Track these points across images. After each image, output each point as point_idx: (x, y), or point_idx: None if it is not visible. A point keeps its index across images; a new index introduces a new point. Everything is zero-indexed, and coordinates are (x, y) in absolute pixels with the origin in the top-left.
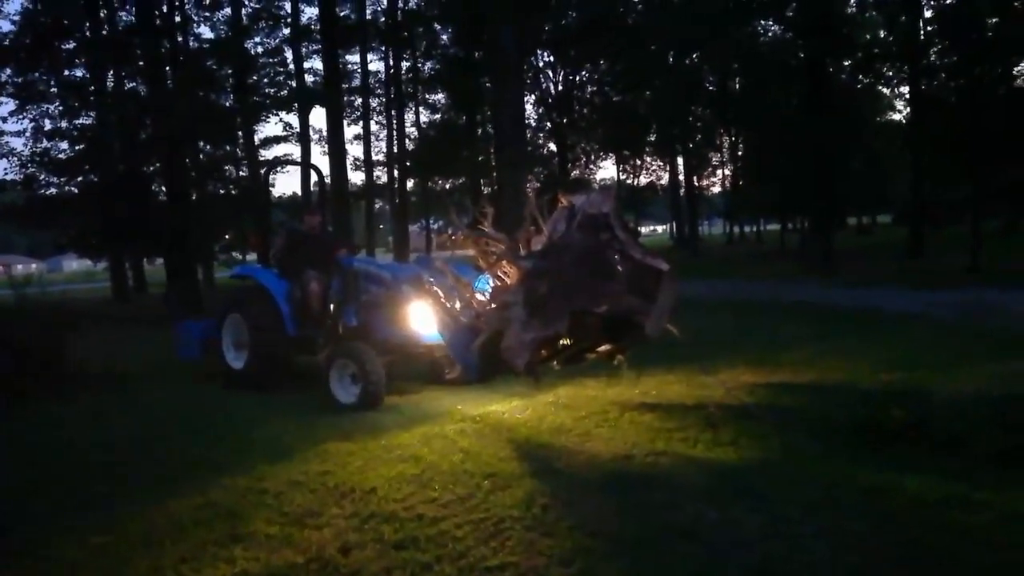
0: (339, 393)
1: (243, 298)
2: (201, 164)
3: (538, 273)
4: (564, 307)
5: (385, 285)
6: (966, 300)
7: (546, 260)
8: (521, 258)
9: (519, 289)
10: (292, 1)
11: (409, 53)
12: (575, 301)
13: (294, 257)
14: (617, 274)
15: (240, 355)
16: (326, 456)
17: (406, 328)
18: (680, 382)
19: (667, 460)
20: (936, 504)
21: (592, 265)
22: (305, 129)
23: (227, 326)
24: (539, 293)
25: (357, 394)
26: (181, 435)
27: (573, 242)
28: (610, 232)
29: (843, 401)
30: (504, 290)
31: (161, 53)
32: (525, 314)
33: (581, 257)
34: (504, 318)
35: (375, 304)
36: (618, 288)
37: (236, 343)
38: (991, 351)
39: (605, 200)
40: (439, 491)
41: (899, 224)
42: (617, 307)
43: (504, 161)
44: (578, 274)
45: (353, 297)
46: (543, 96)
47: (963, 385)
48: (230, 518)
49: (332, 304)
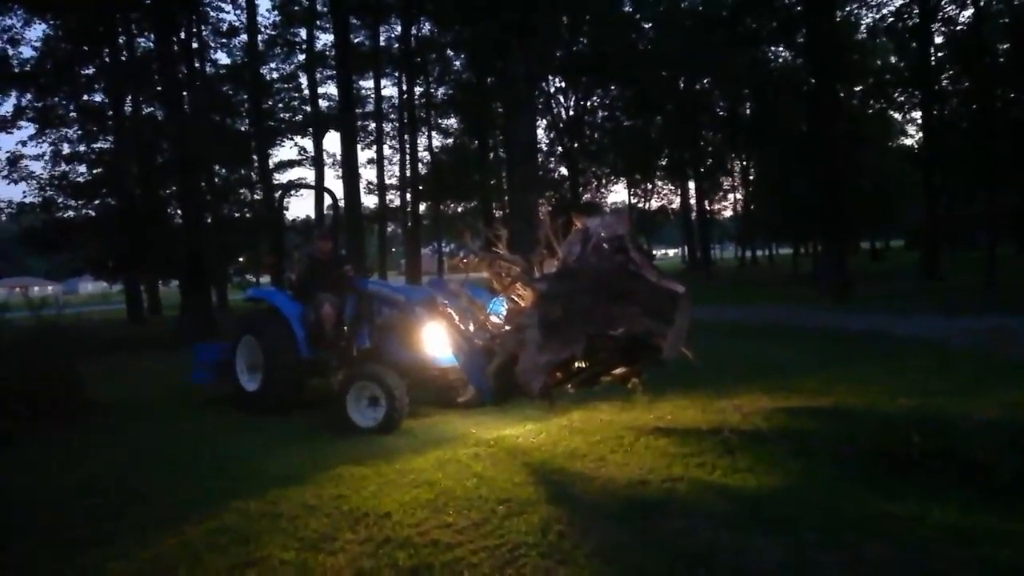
0: (356, 416)
1: (257, 321)
2: (216, 188)
3: (553, 295)
4: (580, 330)
5: (399, 307)
6: (987, 327)
7: (561, 283)
8: (536, 280)
9: (534, 312)
10: (307, 28)
11: (422, 79)
12: (591, 324)
13: (308, 281)
14: (633, 297)
15: (254, 378)
16: (339, 480)
17: (420, 351)
18: (695, 407)
19: (684, 486)
20: (962, 535)
21: (607, 288)
22: (319, 153)
23: (241, 348)
24: (554, 316)
25: (377, 417)
26: (193, 461)
27: (589, 265)
28: (625, 255)
29: (863, 427)
30: (519, 312)
31: (178, 78)
32: (540, 337)
33: (596, 280)
34: (519, 340)
35: (389, 326)
36: (634, 310)
37: (250, 366)
38: (1012, 379)
39: (620, 223)
40: (453, 516)
41: (912, 248)
42: (633, 329)
43: (516, 185)
44: (594, 297)
45: (367, 319)
46: (554, 120)
47: (985, 412)
48: (244, 543)
49: (346, 326)
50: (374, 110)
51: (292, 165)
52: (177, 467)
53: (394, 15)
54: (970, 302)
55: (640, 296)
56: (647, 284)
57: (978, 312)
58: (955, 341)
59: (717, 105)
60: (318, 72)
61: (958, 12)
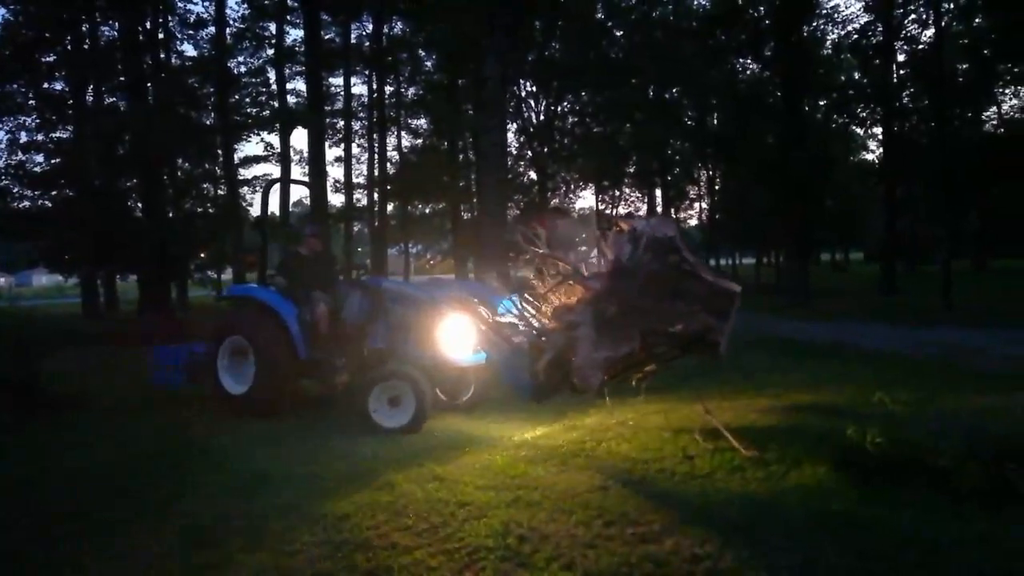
0: (379, 418)
1: (245, 320)
2: (179, 181)
3: (608, 294)
4: (635, 327)
5: (420, 306)
6: (943, 339)
7: (615, 281)
8: (589, 279)
9: (586, 309)
10: (277, 23)
11: (393, 78)
12: (646, 321)
13: (298, 279)
14: (688, 295)
15: (239, 379)
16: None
17: (439, 349)
18: (658, 412)
19: (644, 491)
20: (921, 541)
21: (662, 286)
22: (286, 150)
23: (225, 349)
24: (609, 313)
25: (402, 418)
26: (168, 459)
27: (642, 264)
28: (679, 255)
29: (826, 434)
30: (568, 310)
31: (143, 69)
32: (594, 334)
33: (650, 278)
34: (571, 338)
35: (404, 326)
36: (692, 308)
37: (234, 367)
38: (971, 388)
39: (667, 225)
40: (413, 520)
41: (871, 261)
42: (693, 326)
43: (485, 188)
44: (648, 295)
45: (380, 319)
46: (525, 125)
47: (946, 422)
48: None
49: (357, 326)
50: (343, 108)
51: (258, 161)
52: (145, 467)
53: (365, 13)
54: (927, 316)
55: (697, 295)
56: (704, 283)
57: (936, 323)
58: (914, 352)
59: (686, 115)
60: (287, 68)
61: (920, 32)
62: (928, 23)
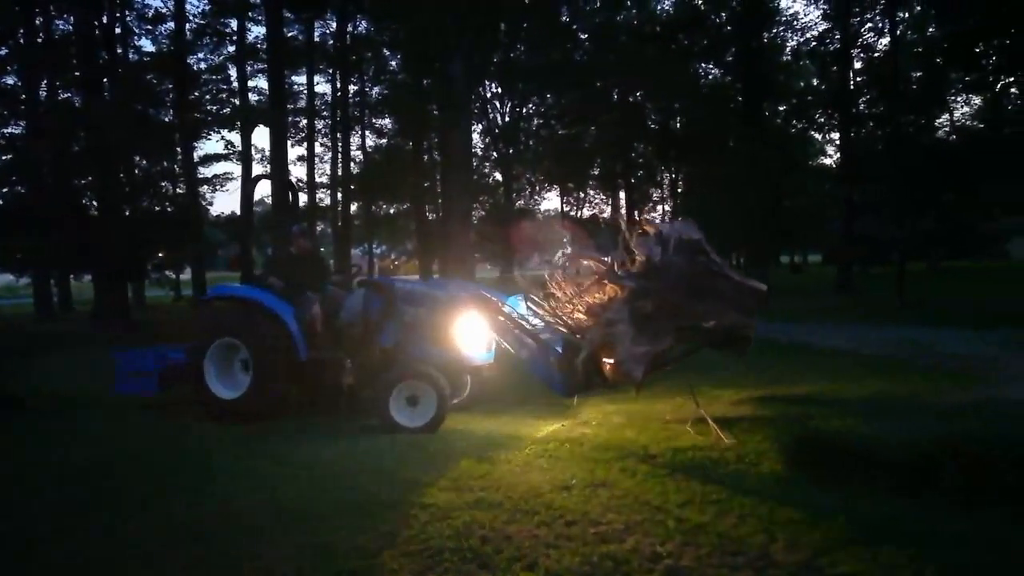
0: (399, 417)
1: (239, 321)
2: (136, 180)
3: (643, 292)
4: (670, 323)
5: (430, 305)
6: (898, 337)
7: (648, 280)
8: (624, 278)
9: (622, 307)
10: (238, 19)
11: (357, 77)
12: (679, 317)
13: (293, 279)
14: (717, 293)
15: (230, 384)
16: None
17: (451, 348)
18: (619, 413)
19: (605, 492)
20: (871, 538)
21: (691, 285)
22: (247, 148)
23: (213, 352)
24: (644, 311)
25: (422, 417)
26: (146, 459)
27: (672, 264)
28: (707, 256)
29: (782, 432)
30: (604, 308)
31: (99, 64)
32: (633, 330)
33: (680, 278)
34: (608, 335)
35: (415, 325)
36: (721, 306)
37: (222, 371)
38: (922, 385)
39: (691, 229)
40: (376, 521)
41: (829, 263)
42: (724, 322)
43: (451, 189)
44: (679, 293)
45: (391, 318)
46: (490, 126)
47: (894, 419)
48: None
49: (367, 326)
50: (306, 106)
51: (218, 159)
52: (121, 467)
53: (329, 11)
54: (882, 316)
55: (725, 293)
56: (731, 282)
57: (891, 323)
58: (867, 350)
59: (650, 118)
60: (249, 65)
61: (876, 40)
62: (883, 32)
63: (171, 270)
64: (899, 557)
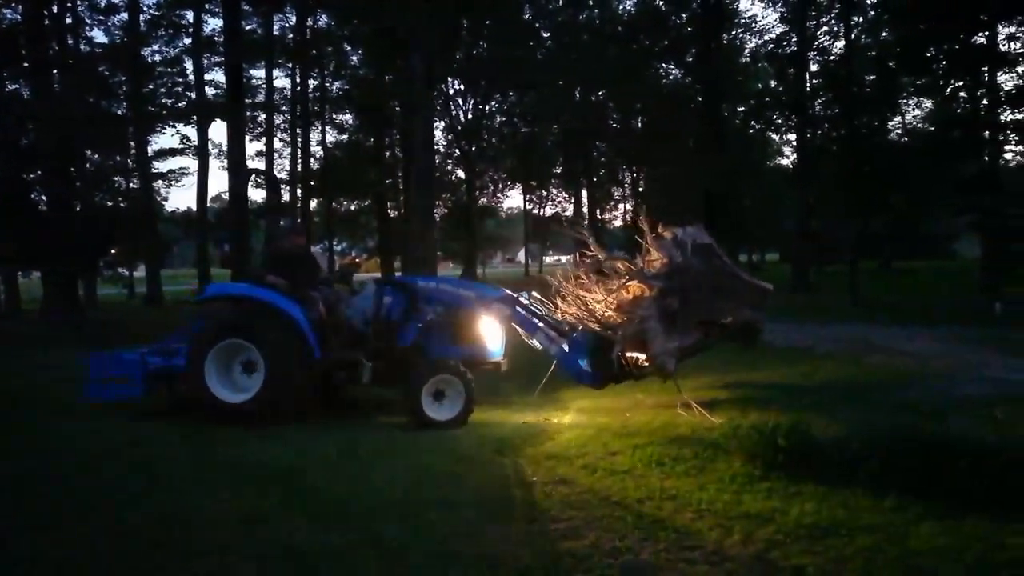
0: (432, 412)
1: (247, 321)
2: (88, 174)
3: (670, 291)
4: (693, 319)
5: (455, 305)
6: (851, 335)
7: (672, 280)
8: (652, 278)
9: (651, 305)
10: (195, 11)
11: (317, 72)
12: (703, 313)
13: (296, 277)
14: (730, 291)
15: (232, 386)
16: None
17: (473, 346)
18: (581, 411)
19: (566, 488)
20: (819, 530)
21: (711, 284)
22: (204, 142)
23: (215, 355)
24: (672, 308)
25: (453, 411)
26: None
27: (692, 266)
28: (720, 259)
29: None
30: (635, 306)
31: (49, 55)
32: (663, 326)
33: (700, 278)
34: (641, 331)
35: (438, 324)
36: (736, 303)
37: (222, 373)
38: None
39: (702, 234)
40: (337, 518)
41: (785, 261)
42: (740, 317)
43: (413, 185)
44: (701, 291)
45: (415, 317)
46: (452, 123)
47: (846, 415)
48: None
49: (388, 324)
50: (265, 101)
51: (173, 153)
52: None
53: (288, 5)
54: (836, 313)
55: (739, 291)
56: (742, 282)
57: (844, 320)
58: (821, 347)
59: (611, 117)
60: (205, 58)
61: (832, 43)
62: (839, 35)
63: (124, 267)
64: (848, 549)
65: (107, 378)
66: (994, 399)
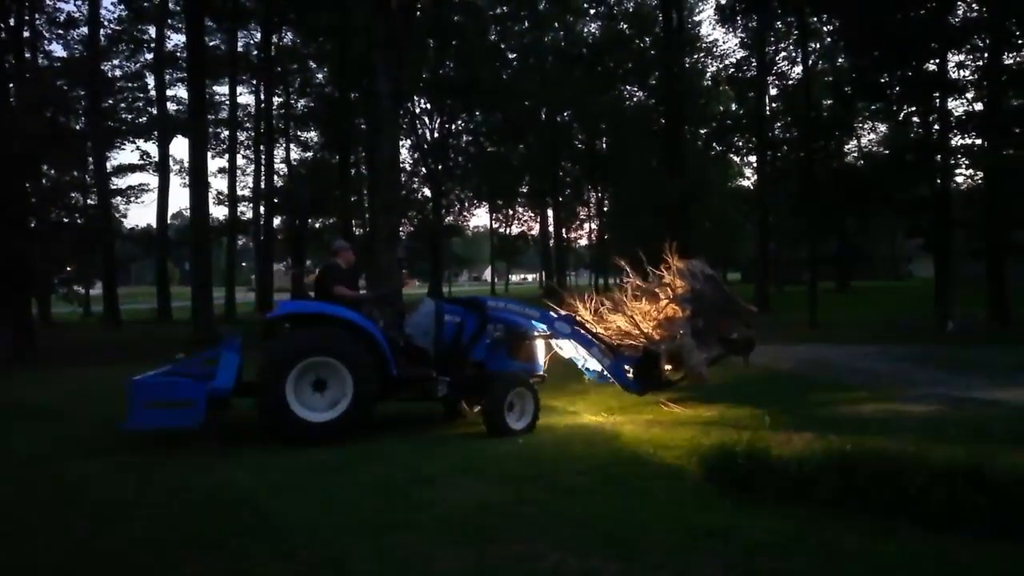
0: (510, 422)
1: (330, 340)
2: (44, 190)
3: (696, 312)
4: (713, 335)
5: (518, 324)
6: (810, 356)
7: (695, 304)
8: (686, 300)
9: (686, 323)
10: (157, 26)
11: (282, 89)
12: (719, 331)
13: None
14: (733, 313)
15: (310, 405)
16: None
17: (527, 361)
18: (547, 430)
19: (529, 509)
20: (777, 547)
21: (719, 307)
22: (164, 159)
23: (297, 374)
24: (698, 327)
25: (525, 421)
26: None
27: (707, 291)
28: (721, 286)
29: (693, 449)
30: (673, 324)
31: (4, 68)
32: (695, 341)
33: (713, 301)
34: (678, 345)
35: (501, 342)
36: (737, 322)
37: (297, 392)
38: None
39: (706, 265)
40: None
41: (746, 281)
42: (743, 334)
43: (378, 204)
44: (715, 313)
45: (483, 334)
46: (419, 141)
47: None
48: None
49: (461, 342)
50: (228, 117)
51: (133, 170)
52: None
53: (253, 21)
54: (795, 333)
55: (737, 312)
56: (739, 305)
57: (800, 342)
58: (781, 367)
59: (576, 138)
60: (168, 73)
61: (790, 68)
62: (797, 61)
63: (79, 285)
64: (810, 568)
65: (161, 403)
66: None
